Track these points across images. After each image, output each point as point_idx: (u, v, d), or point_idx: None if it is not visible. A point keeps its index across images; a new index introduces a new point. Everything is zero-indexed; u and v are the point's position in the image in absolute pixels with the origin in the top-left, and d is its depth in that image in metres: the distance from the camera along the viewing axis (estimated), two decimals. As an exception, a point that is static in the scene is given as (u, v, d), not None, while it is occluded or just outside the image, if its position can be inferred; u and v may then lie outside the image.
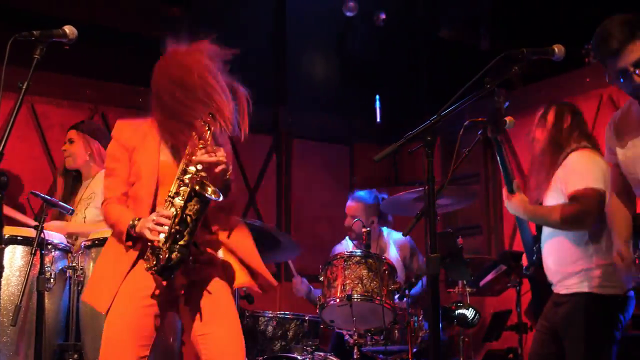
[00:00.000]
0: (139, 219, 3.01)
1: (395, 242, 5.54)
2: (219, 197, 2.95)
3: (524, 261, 4.23)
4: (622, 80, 3.04)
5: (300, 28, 6.63)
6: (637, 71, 2.96)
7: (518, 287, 5.29)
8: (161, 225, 2.94)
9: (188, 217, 2.95)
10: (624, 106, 3.33)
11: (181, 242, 2.93)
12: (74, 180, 4.77)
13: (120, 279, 3.06)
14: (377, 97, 6.93)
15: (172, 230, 2.94)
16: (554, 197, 3.75)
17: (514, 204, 3.81)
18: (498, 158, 3.87)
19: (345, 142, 7.00)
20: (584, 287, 3.59)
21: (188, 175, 3.03)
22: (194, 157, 3.05)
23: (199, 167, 3.04)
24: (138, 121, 3.31)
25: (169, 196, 3.03)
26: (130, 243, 3.07)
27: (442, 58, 6.83)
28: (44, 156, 5.45)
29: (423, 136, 2.93)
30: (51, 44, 2.88)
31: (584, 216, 3.56)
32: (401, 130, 7.27)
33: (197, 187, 2.94)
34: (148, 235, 2.95)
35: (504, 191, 3.84)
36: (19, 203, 4.57)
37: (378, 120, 6.95)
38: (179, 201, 3.00)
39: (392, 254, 5.44)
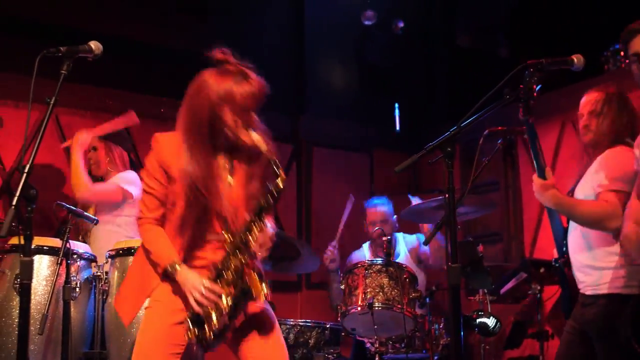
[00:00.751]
0: (180, 265, 2.98)
1: (407, 243, 5.57)
2: (261, 300, 2.96)
3: (554, 254, 3.97)
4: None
5: (319, 37, 6.68)
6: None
7: (539, 295, 5.32)
8: (209, 300, 2.92)
9: (233, 305, 2.96)
10: None
11: (225, 311, 2.94)
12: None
13: (146, 295, 3.06)
14: (396, 105, 6.95)
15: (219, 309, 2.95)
16: (583, 189, 3.61)
17: (542, 191, 3.47)
18: (529, 142, 3.59)
19: (364, 150, 7.02)
20: (609, 289, 3.45)
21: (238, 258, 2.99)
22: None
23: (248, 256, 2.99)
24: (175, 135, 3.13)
25: (216, 267, 3.01)
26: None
27: (461, 66, 6.85)
28: (68, 166, 5.52)
29: (443, 147, 2.95)
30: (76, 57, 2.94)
31: (607, 218, 3.38)
32: (420, 138, 7.35)
33: (247, 287, 2.92)
34: (191, 300, 2.93)
35: (534, 176, 3.50)
36: (45, 214, 4.62)
37: (397, 128, 6.97)
38: (226, 278, 2.97)
39: (403, 256, 5.47)
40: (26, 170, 2.68)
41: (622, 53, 5.53)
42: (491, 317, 4.50)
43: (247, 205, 3.03)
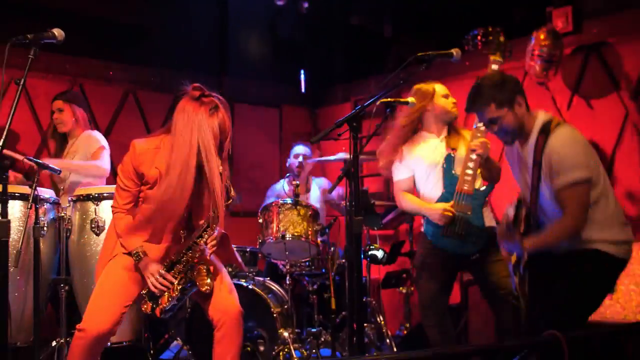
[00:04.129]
0: (145, 253, 2.98)
1: (317, 185, 5.61)
2: (207, 290, 2.98)
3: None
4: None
5: (240, 13, 6.46)
6: (492, 125, 3.10)
7: (410, 223, 5.47)
8: (162, 284, 2.96)
9: (182, 291, 3.00)
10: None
11: (174, 295, 2.99)
12: (62, 140, 4.65)
13: (112, 256, 3.06)
14: (302, 70, 6.88)
15: (169, 293, 2.98)
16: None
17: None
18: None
19: (275, 106, 6.93)
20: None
21: (189, 255, 3.00)
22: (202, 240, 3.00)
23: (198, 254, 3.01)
24: (152, 144, 3.03)
25: (171, 259, 3.02)
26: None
27: (353, 40, 6.78)
28: (33, 121, 5.26)
29: (349, 122, 2.89)
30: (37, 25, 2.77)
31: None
32: (320, 97, 7.33)
33: (194, 279, 2.98)
34: (149, 282, 2.97)
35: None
36: (16, 166, 4.40)
37: (302, 89, 6.92)
38: (178, 268, 3.00)
39: (315, 194, 5.52)
40: (-1, 145, 2.54)
41: (478, 37, 5.59)
42: (380, 250, 4.58)
43: (205, 213, 3.01)
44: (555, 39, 4.59)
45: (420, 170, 3.92)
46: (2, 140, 2.53)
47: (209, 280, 2.98)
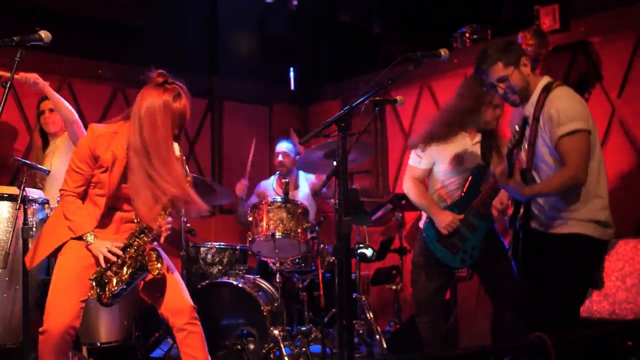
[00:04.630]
0: (93, 236, 2.96)
1: (307, 180, 5.60)
2: (157, 276, 2.94)
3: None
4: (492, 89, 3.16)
5: (230, 13, 6.44)
6: (499, 84, 3.11)
7: (400, 220, 5.48)
8: (113, 255, 2.94)
9: (131, 275, 2.96)
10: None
11: (124, 279, 2.95)
12: (45, 136, 4.66)
13: (53, 247, 3.02)
14: (291, 68, 6.87)
15: (118, 271, 2.95)
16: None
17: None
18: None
19: (265, 104, 6.89)
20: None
21: (141, 239, 2.99)
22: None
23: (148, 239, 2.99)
24: (110, 129, 3.05)
25: (124, 244, 2.99)
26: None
27: (343, 38, 6.76)
28: (21, 120, 5.22)
29: (338, 122, 2.87)
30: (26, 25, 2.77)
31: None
32: (309, 95, 7.32)
33: (145, 263, 2.93)
34: (100, 259, 2.94)
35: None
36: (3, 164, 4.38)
37: (292, 87, 6.90)
38: (129, 253, 2.97)
39: (304, 190, 5.51)
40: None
41: (467, 35, 5.61)
42: (369, 248, 4.58)
43: (158, 200, 2.97)
44: (541, 38, 4.64)
45: (444, 166, 3.84)
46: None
47: (159, 265, 2.93)
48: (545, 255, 3.08)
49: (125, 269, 2.95)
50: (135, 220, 3.07)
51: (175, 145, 2.98)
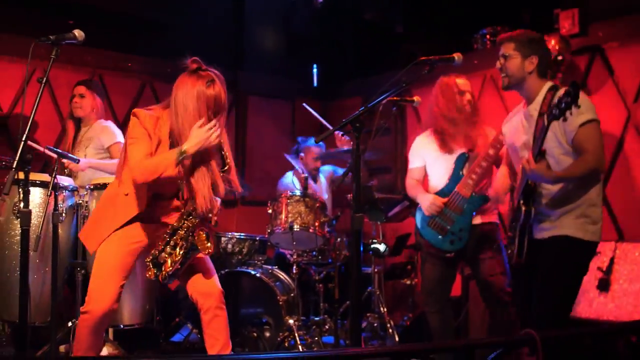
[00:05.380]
0: (184, 148, 2.96)
1: (325, 172, 5.71)
2: (208, 253, 3.07)
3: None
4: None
5: (256, 9, 6.58)
6: (501, 59, 3.30)
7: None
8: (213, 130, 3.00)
9: (184, 255, 3.09)
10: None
11: (177, 259, 3.09)
12: (78, 124, 4.78)
13: (112, 229, 3.10)
14: (315, 65, 6.97)
15: (171, 252, 3.08)
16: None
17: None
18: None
19: (288, 99, 7.02)
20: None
21: (190, 221, 3.10)
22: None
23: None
24: (155, 113, 3.13)
25: (172, 226, 3.12)
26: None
27: (365, 36, 6.86)
28: (54, 110, 5.41)
29: (353, 122, 2.94)
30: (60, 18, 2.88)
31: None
32: (332, 91, 7.41)
33: (195, 243, 3.06)
34: (206, 139, 2.98)
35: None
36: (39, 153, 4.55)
37: (315, 83, 7.01)
38: (180, 234, 3.09)
39: (323, 182, 5.61)
40: (23, 139, 2.68)
41: (487, 36, 5.67)
42: (382, 244, 4.68)
43: (206, 183, 3.08)
44: (565, 44, 4.73)
45: (431, 159, 4.07)
46: (25, 134, 2.66)
47: (209, 244, 3.06)
48: (537, 258, 3.17)
49: (177, 249, 3.09)
50: (182, 203, 3.17)
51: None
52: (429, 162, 4.11)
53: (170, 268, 3.10)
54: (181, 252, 3.09)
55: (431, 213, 3.93)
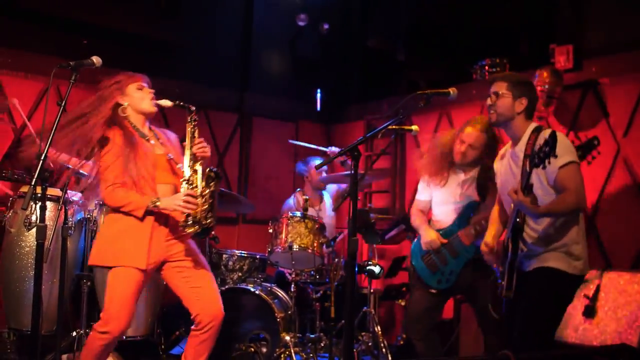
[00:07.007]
0: (159, 199, 3.23)
1: (330, 193, 5.81)
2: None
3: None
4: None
5: (263, 34, 6.75)
6: (492, 96, 3.41)
7: (412, 239, 5.67)
8: (191, 203, 3.18)
9: (210, 193, 3.26)
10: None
11: (211, 213, 3.26)
12: None
13: (147, 241, 3.27)
14: (318, 89, 7.13)
15: (205, 204, 3.23)
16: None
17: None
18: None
19: (292, 121, 7.16)
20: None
21: (197, 163, 3.29)
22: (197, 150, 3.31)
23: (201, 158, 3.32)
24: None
25: (184, 180, 3.29)
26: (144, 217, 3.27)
27: (369, 62, 7.01)
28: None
29: (351, 151, 3.07)
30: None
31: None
32: (334, 115, 7.57)
33: (212, 174, 3.26)
34: (179, 210, 3.18)
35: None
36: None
37: (318, 107, 7.16)
38: (197, 181, 3.26)
39: (328, 201, 5.73)
40: (42, 158, 2.83)
41: (486, 67, 5.83)
42: (377, 266, 4.80)
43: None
44: (558, 77, 4.86)
45: (437, 197, 4.23)
46: (44, 154, 2.82)
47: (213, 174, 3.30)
48: (523, 287, 3.30)
49: (199, 199, 3.24)
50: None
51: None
52: (435, 198, 4.26)
53: (206, 216, 3.23)
54: (205, 195, 3.24)
55: (427, 248, 4.11)
